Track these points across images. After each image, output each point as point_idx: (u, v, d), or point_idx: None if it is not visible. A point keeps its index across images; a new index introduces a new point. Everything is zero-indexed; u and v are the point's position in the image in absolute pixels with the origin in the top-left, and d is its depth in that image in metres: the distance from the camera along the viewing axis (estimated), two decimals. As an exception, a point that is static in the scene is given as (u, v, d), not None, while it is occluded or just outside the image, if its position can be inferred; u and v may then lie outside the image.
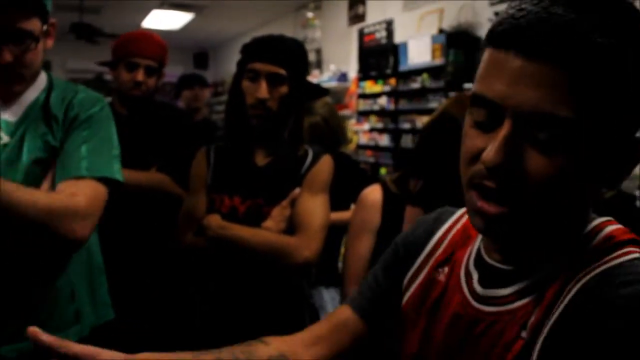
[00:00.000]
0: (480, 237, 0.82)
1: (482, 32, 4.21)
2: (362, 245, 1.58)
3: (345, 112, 6.52)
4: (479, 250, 0.80)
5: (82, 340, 1.39)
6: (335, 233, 2.59)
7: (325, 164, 1.76)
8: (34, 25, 1.29)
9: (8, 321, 1.31)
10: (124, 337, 1.78)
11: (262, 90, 1.64)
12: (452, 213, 0.93)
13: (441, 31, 4.63)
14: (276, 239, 1.63)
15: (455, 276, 0.81)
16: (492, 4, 4.18)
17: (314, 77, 6.89)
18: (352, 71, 6.33)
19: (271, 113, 1.66)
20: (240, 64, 1.71)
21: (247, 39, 1.76)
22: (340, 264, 3.20)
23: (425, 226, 0.94)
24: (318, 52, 7.11)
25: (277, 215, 1.67)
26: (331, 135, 2.54)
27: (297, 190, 1.69)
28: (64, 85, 1.44)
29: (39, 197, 1.20)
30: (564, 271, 0.67)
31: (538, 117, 0.60)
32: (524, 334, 0.67)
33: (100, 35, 7.21)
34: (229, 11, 7.73)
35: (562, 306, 0.64)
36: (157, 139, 2.21)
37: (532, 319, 0.67)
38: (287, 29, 7.85)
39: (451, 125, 1.42)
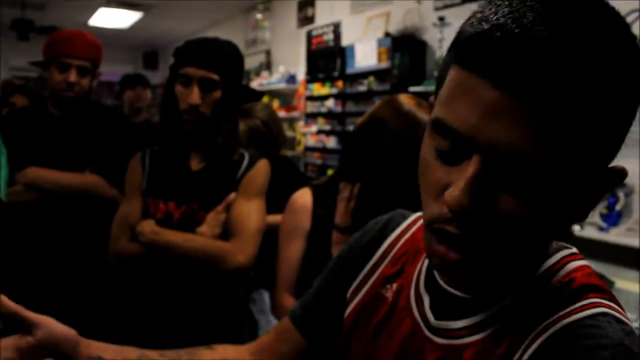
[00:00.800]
0: None
1: (428, 35, 4.29)
2: (292, 250, 1.58)
3: (293, 113, 6.53)
4: (430, 269, 0.74)
5: None
6: (274, 234, 2.59)
7: (262, 169, 1.76)
8: None
9: None
10: None
11: (194, 95, 1.63)
12: (403, 219, 0.87)
13: (387, 34, 4.69)
14: (210, 244, 1.63)
15: (405, 297, 0.76)
16: (437, 9, 4.26)
17: (263, 79, 6.88)
18: (301, 73, 6.35)
19: (204, 118, 1.66)
20: (173, 68, 1.70)
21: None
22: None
23: (373, 233, 0.87)
24: (267, 53, 7.10)
25: (212, 220, 1.66)
26: (271, 138, 2.54)
27: (232, 195, 1.69)
28: None
29: None
30: (521, 311, 0.63)
31: (515, 157, 0.52)
32: None
33: (43, 32, 7.01)
34: (178, 11, 7.64)
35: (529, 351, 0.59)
36: (92, 141, 2.16)
37: None
38: (237, 30, 7.80)
39: (381, 128, 1.45)
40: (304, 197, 1.62)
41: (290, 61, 6.63)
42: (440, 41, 4.00)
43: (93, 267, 2.07)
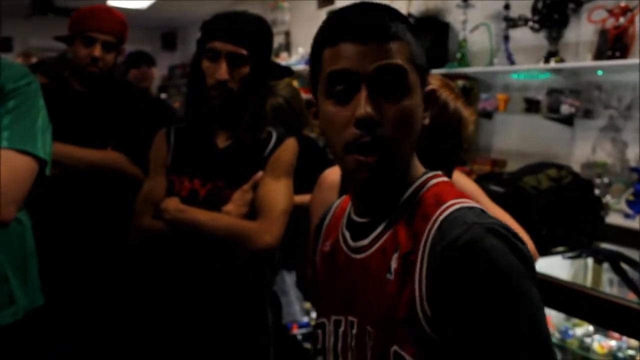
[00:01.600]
0: (349, 207, 1.01)
1: (450, 17, 4.21)
2: None
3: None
4: (349, 214, 1.00)
5: (16, 324, 1.37)
6: (299, 216, 2.57)
7: (289, 147, 1.73)
8: None
9: None
10: (58, 324, 1.73)
11: (222, 71, 1.60)
12: (334, 203, 1.15)
13: (409, 15, 4.61)
14: (236, 223, 1.60)
15: (337, 241, 1.02)
16: (461, -10, 4.18)
17: (283, 60, 6.81)
18: (321, 54, 6.27)
19: (232, 94, 1.63)
20: (200, 43, 1.66)
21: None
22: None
23: (322, 215, 1.15)
24: (287, 34, 7.03)
25: (239, 199, 1.64)
26: (294, 117, 2.51)
27: (259, 174, 1.67)
28: None
29: None
30: (403, 222, 0.88)
31: (383, 69, 0.83)
32: (389, 276, 0.86)
33: (61, 13, 7.00)
34: (196, -9, 7.59)
35: (424, 263, 0.81)
36: (115, 118, 2.14)
37: (394, 265, 0.86)
38: (255, 11, 7.64)
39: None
40: (333, 174, 1.64)
41: (309, 42, 6.54)
42: (463, 23, 3.92)
43: (114, 244, 2.06)
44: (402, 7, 4.84)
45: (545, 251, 2.11)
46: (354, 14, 0.87)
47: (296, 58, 6.52)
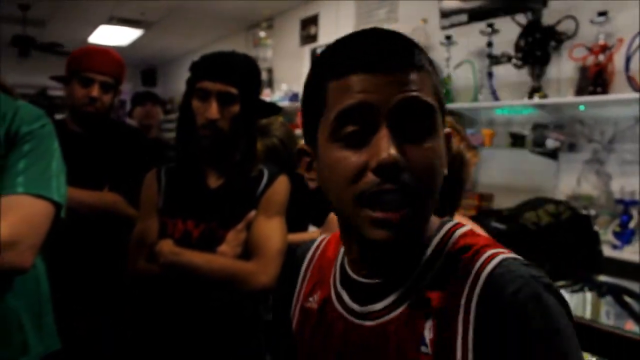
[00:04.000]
0: (341, 256, 0.87)
1: (434, 54, 4.27)
2: None
3: (296, 131, 6.49)
4: (342, 269, 0.85)
5: None
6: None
7: (282, 185, 1.71)
8: None
9: None
10: None
11: (213, 110, 1.59)
12: (310, 244, 0.98)
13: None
14: (232, 264, 1.58)
15: (329, 301, 0.85)
16: (444, 28, 4.25)
17: (266, 96, 6.84)
18: (304, 91, 6.31)
19: (222, 133, 1.61)
20: (190, 83, 1.66)
21: (197, 57, 1.70)
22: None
23: (296, 258, 0.98)
24: (270, 71, 7.08)
25: (233, 240, 1.62)
26: (288, 157, 2.50)
27: (252, 213, 1.64)
28: (4, 101, 1.36)
29: None
30: (430, 282, 0.74)
31: (408, 104, 0.70)
32: (425, 349, 0.72)
33: (43, 49, 6.99)
34: (179, 28, 7.62)
35: (469, 326, 0.69)
36: (112, 158, 2.12)
37: (430, 335, 0.72)
38: (238, 48, 7.72)
39: None
40: None
41: (292, 79, 6.61)
42: (447, 60, 3.98)
43: (111, 285, 2.02)
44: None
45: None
46: (367, 39, 0.74)
47: (279, 95, 6.55)
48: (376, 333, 0.76)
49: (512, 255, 0.73)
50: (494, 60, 3.67)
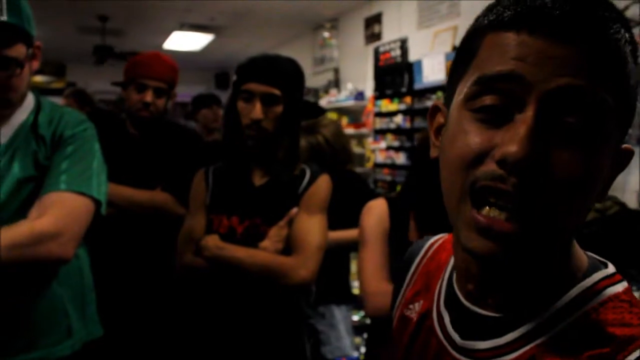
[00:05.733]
0: (450, 267, 0.72)
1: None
2: (377, 252, 1.62)
3: (362, 130, 6.53)
4: (450, 284, 0.70)
5: (74, 355, 1.44)
6: (343, 249, 2.58)
7: (323, 184, 1.76)
8: (19, 51, 1.34)
9: (8, 335, 1.36)
10: (114, 353, 1.80)
11: (257, 111, 1.65)
12: (425, 242, 0.85)
13: (454, 49, 4.63)
14: (272, 259, 1.63)
15: (429, 316, 0.73)
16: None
17: (332, 96, 6.92)
18: (369, 90, 6.34)
19: (266, 133, 1.67)
20: (236, 85, 1.73)
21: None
22: (354, 283, 3.19)
23: (403, 263, 0.87)
24: (336, 71, 7.15)
25: (274, 235, 1.67)
26: (333, 155, 2.53)
27: (294, 210, 1.69)
28: (51, 107, 1.49)
29: None
30: (553, 339, 0.57)
31: (572, 94, 0.51)
32: None
33: (121, 57, 7.36)
34: (248, 32, 7.83)
35: None
36: (165, 159, 2.23)
37: None
38: (305, 49, 7.91)
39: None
40: (379, 202, 1.71)
41: (358, 78, 6.64)
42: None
43: (161, 280, 2.13)
44: (448, 41, 4.86)
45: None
46: None
47: (345, 94, 6.60)
48: None
49: None
50: None
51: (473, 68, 0.58)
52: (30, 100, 1.46)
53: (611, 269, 0.62)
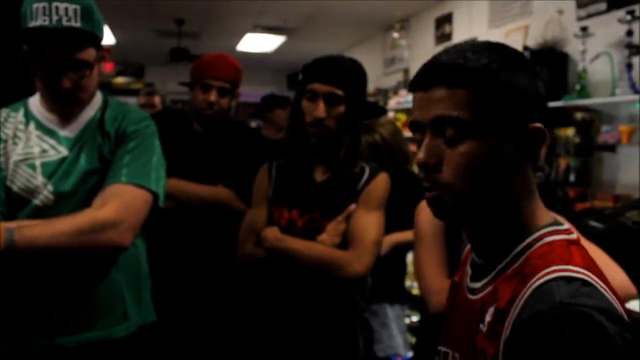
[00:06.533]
0: None
1: (569, 48, 4.08)
2: (435, 250, 1.63)
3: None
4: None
5: (129, 337, 1.54)
6: (400, 250, 2.60)
7: (381, 182, 1.80)
8: (89, 54, 1.46)
9: (70, 315, 1.47)
10: (167, 338, 1.90)
11: (320, 109, 1.71)
12: None
13: (526, 48, 4.53)
14: (329, 252, 1.69)
15: (463, 278, 1.01)
16: (580, 19, 4.04)
17: (401, 97, 6.90)
18: (439, 90, 6.27)
19: (329, 131, 1.73)
20: (300, 84, 1.79)
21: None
22: (410, 283, 3.20)
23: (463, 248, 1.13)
24: (405, 72, 7.12)
25: (332, 230, 1.73)
26: (390, 154, 2.56)
27: (352, 206, 1.74)
28: (116, 105, 1.61)
29: (62, 225, 1.35)
30: (507, 277, 0.85)
31: (437, 119, 0.84)
32: (482, 327, 0.85)
33: (194, 59, 7.60)
34: (319, 33, 7.92)
35: (507, 329, 0.78)
36: (228, 156, 2.33)
37: (489, 318, 0.84)
38: (375, 50, 7.92)
39: None
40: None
41: (427, 79, 6.59)
42: (582, 52, 3.78)
43: (221, 271, 2.22)
44: (519, 41, 4.77)
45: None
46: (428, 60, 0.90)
47: (413, 94, 6.56)
48: (471, 306, 0.91)
49: (575, 275, 0.76)
50: (634, 50, 3.43)
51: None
52: (98, 98, 1.59)
53: (562, 226, 0.88)
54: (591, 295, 0.73)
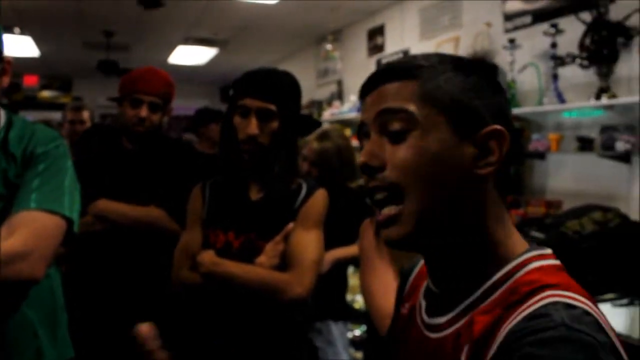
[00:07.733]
0: None
1: (498, 59, 4.19)
2: (384, 268, 1.57)
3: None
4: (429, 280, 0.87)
5: None
6: (341, 265, 2.56)
7: (319, 198, 1.75)
8: None
9: None
10: None
11: (252, 126, 1.64)
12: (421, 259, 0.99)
13: (457, 59, 4.63)
14: (268, 275, 1.62)
15: (414, 309, 0.90)
16: (507, 31, 4.15)
17: (335, 108, 6.91)
18: (373, 101, 6.32)
19: (262, 148, 1.67)
20: (232, 100, 1.72)
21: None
22: (352, 297, 3.17)
23: (410, 265, 1.02)
24: (339, 83, 7.15)
25: (270, 251, 1.66)
26: (340, 164, 2.53)
27: (290, 225, 1.68)
28: (22, 124, 1.46)
29: None
30: (485, 308, 0.73)
31: (383, 113, 0.78)
32: None
33: (123, 72, 7.39)
34: (252, 45, 7.85)
35: (491, 353, 0.68)
36: (160, 174, 2.22)
37: (464, 358, 0.72)
38: (308, 62, 7.93)
39: None
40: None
41: (361, 90, 6.64)
42: (511, 63, 3.88)
43: (155, 295, 2.10)
44: (450, 52, 4.86)
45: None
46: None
47: (348, 106, 6.59)
48: (436, 346, 0.78)
49: (573, 303, 0.66)
50: (559, 61, 3.55)
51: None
52: (1, 116, 1.44)
53: (546, 250, 0.78)
54: (594, 328, 0.63)
